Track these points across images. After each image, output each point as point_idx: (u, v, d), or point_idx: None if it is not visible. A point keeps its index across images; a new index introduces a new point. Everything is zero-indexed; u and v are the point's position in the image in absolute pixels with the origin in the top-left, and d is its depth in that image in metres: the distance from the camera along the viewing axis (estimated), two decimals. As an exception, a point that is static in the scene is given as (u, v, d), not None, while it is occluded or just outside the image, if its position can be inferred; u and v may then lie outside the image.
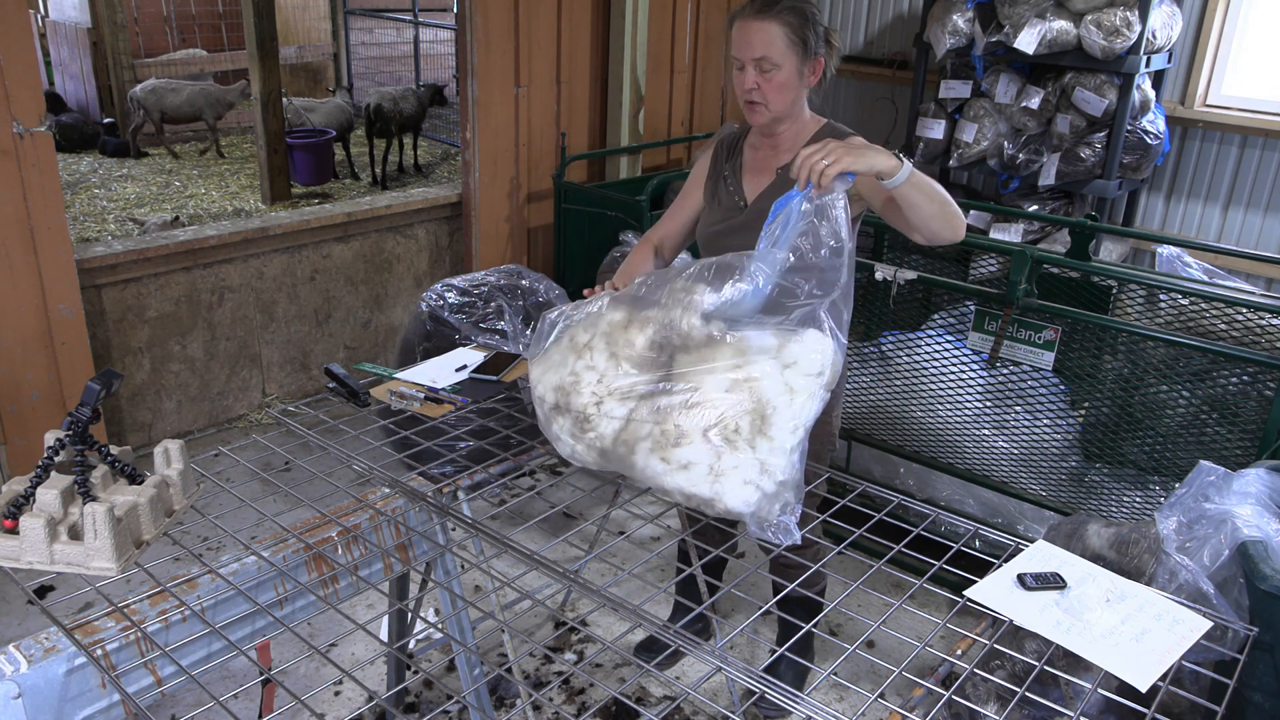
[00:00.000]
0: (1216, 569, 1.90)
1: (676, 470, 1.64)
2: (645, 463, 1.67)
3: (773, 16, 2.06)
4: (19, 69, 3.02)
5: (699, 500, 1.65)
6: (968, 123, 4.26)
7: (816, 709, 1.33)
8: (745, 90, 2.12)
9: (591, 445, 1.74)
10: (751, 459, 1.61)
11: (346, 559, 1.86)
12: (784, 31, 2.06)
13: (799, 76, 2.12)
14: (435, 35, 9.28)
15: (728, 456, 1.61)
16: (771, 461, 1.62)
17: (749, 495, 1.61)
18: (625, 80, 4.69)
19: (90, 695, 1.51)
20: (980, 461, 3.16)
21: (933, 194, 1.89)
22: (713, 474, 1.62)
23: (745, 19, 2.09)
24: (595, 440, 1.72)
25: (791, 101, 2.15)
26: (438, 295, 3.47)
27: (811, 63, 2.12)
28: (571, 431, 1.76)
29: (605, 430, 1.70)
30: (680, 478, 1.64)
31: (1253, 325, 2.80)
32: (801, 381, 1.65)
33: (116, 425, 3.83)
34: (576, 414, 1.73)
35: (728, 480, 1.61)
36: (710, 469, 1.62)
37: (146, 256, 3.72)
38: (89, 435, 1.61)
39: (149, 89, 7.16)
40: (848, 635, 3.01)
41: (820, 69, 2.15)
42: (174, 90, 7.18)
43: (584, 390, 1.72)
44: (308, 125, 6.96)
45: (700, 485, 1.63)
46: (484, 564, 1.87)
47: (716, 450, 1.61)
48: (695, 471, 1.63)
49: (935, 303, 3.36)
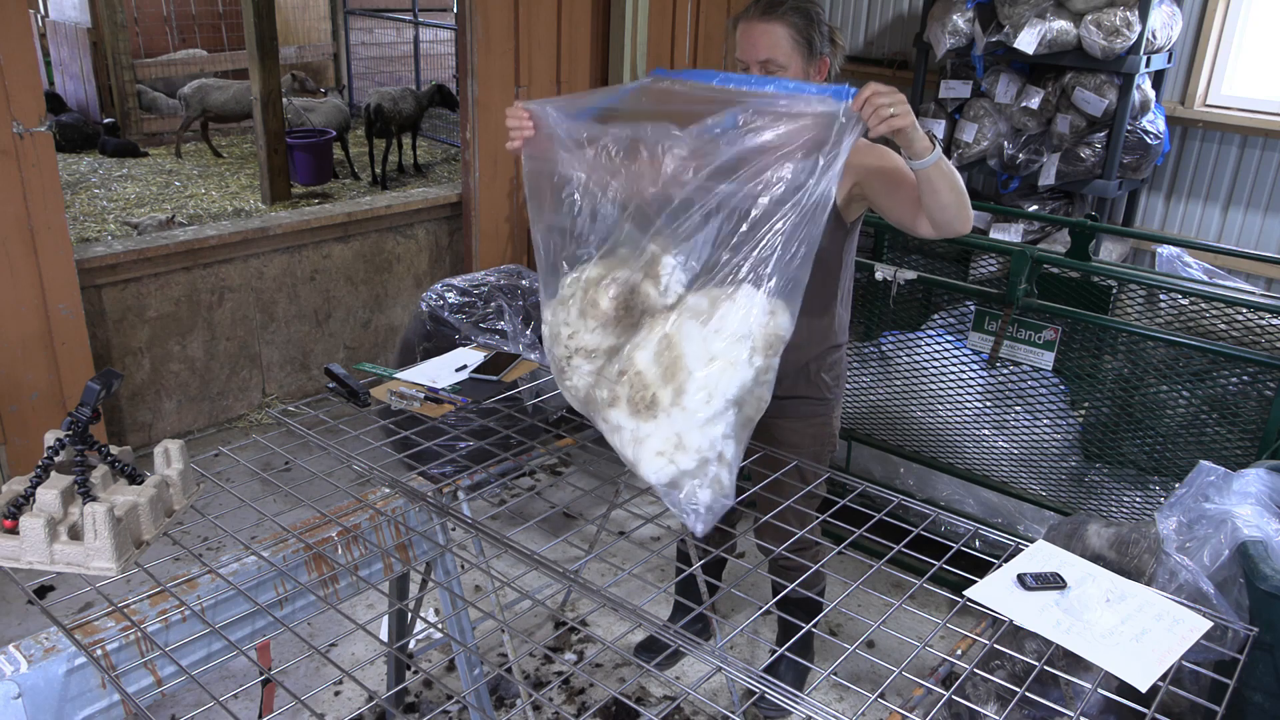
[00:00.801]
0: (1216, 569, 1.90)
1: (612, 432, 1.62)
2: (601, 420, 1.67)
3: (777, 18, 2.05)
4: (19, 69, 3.02)
5: (630, 464, 1.61)
6: (968, 123, 4.26)
7: (816, 709, 1.33)
8: None
9: (573, 394, 1.76)
10: (667, 428, 1.54)
11: (346, 559, 1.86)
12: (789, 33, 2.06)
13: (805, 77, 2.11)
14: (435, 35, 9.28)
15: (644, 424, 1.56)
16: (686, 435, 1.54)
17: (660, 466, 1.55)
18: (625, 80, 4.69)
19: (90, 695, 1.51)
20: (980, 461, 3.15)
21: (954, 183, 1.86)
22: (634, 440, 1.58)
23: (749, 21, 2.08)
24: (572, 390, 1.75)
25: None
26: (438, 295, 3.47)
27: (817, 63, 2.12)
28: (557, 376, 1.80)
29: (578, 383, 1.73)
30: (615, 439, 1.62)
31: (1253, 325, 2.80)
32: (722, 346, 1.54)
33: (116, 425, 3.83)
34: (555, 361, 1.77)
35: (642, 448, 1.57)
36: (632, 434, 1.58)
37: (146, 256, 3.72)
38: (89, 435, 1.61)
39: (195, 86, 7.24)
40: (848, 635, 3.01)
41: (825, 69, 2.15)
42: (220, 88, 7.22)
43: (560, 343, 1.75)
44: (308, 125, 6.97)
45: (626, 449, 1.60)
46: (484, 564, 1.88)
47: (638, 414, 1.56)
48: (622, 436, 1.60)
49: (935, 303, 3.36)
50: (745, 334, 1.55)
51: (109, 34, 7.77)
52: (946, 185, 1.84)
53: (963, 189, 1.89)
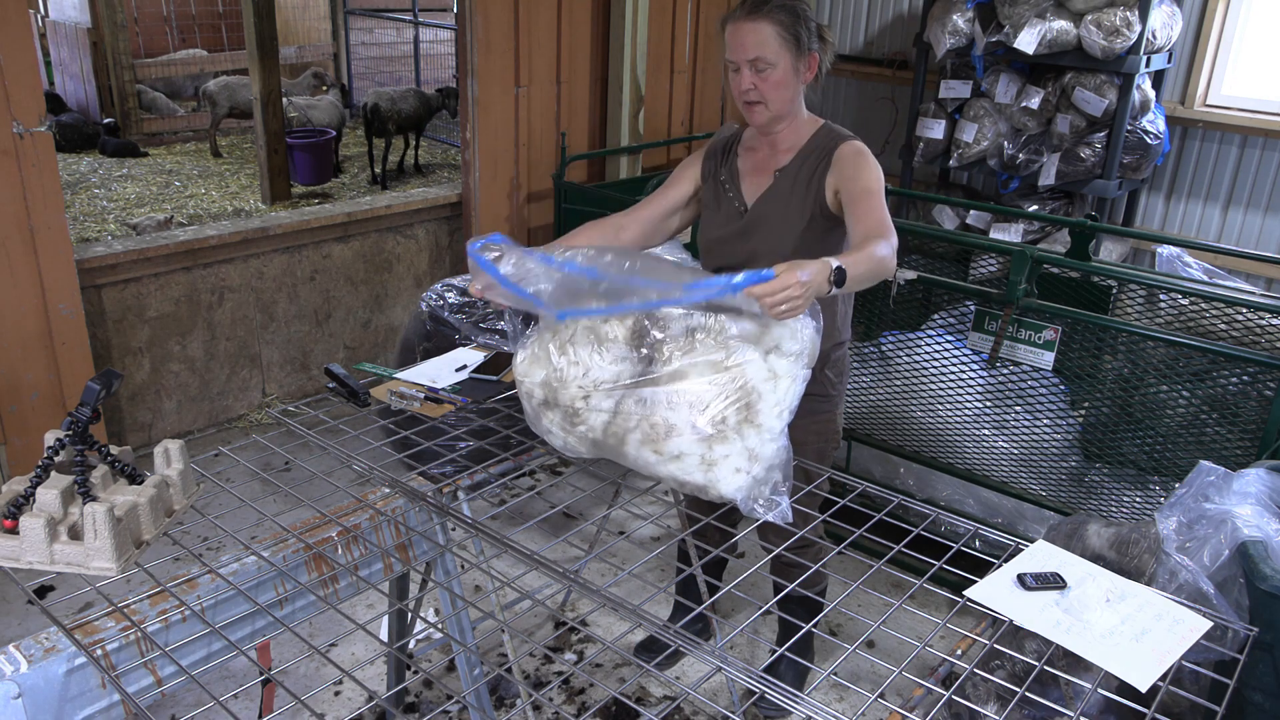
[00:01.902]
0: (1216, 569, 1.90)
1: (669, 460, 1.69)
2: (637, 453, 1.72)
3: (764, 16, 2.07)
4: (19, 69, 3.02)
5: (693, 487, 1.71)
6: (968, 123, 4.26)
7: (816, 709, 1.33)
8: (743, 91, 2.13)
9: (583, 437, 1.77)
10: (740, 447, 1.67)
11: (346, 559, 1.86)
12: (776, 30, 2.07)
13: (795, 73, 2.13)
14: (435, 35, 9.28)
15: (718, 446, 1.66)
16: (760, 449, 1.68)
17: (740, 482, 1.67)
18: (625, 80, 4.69)
19: (90, 695, 1.51)
20: (980, 461, 3.15)
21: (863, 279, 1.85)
22: (704, 463, 1.68)
23: (737, 21, 2.10)
24: (586, 432, 1.76)
25: (790, 99, 2.16)
26: (438, 295, 3.47)
27: (806, 59, 2.13)
28: (562, 425, 1.78)
29: (595, 422, 1.74)
30: (673, 467, 1.69)
31: (1253, 325, 2.80)
32: (784, 365, 1.69)
33: (116, 425, 3.83)
34: (565, 408, 1.76)
35: (720, 469, 1.67)
36: (702, 459, 1.67)
37: (146, 256, 3.72)
38: (89, 435, 1.61)
39: (221, 84, 7.28)
40: (848, 635, 3.01)
41: (815, 65, 2.16)
42: (245, 85, 7.25)
43: (570, 385, 1.74)
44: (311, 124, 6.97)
45: (694, 474, 1.69)
46: (484, 564, 1.87)
47: (707, 440, 1.66)
48: (688, 462, 1.68)
49: (935, 303, 3.36)
50: (800, 351, 1.71)
51: (109, 34, 7.76)
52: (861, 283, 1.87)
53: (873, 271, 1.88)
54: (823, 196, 2.16)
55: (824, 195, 2.16)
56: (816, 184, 2.17)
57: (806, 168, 2.19)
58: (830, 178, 2.15)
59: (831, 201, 2.15)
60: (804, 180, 2.19)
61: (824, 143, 2.20)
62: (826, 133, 2.22)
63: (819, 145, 2.20)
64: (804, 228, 2.18)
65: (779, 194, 2.22)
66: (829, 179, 2.15)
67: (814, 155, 2.19)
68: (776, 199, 2.22)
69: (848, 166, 2.12)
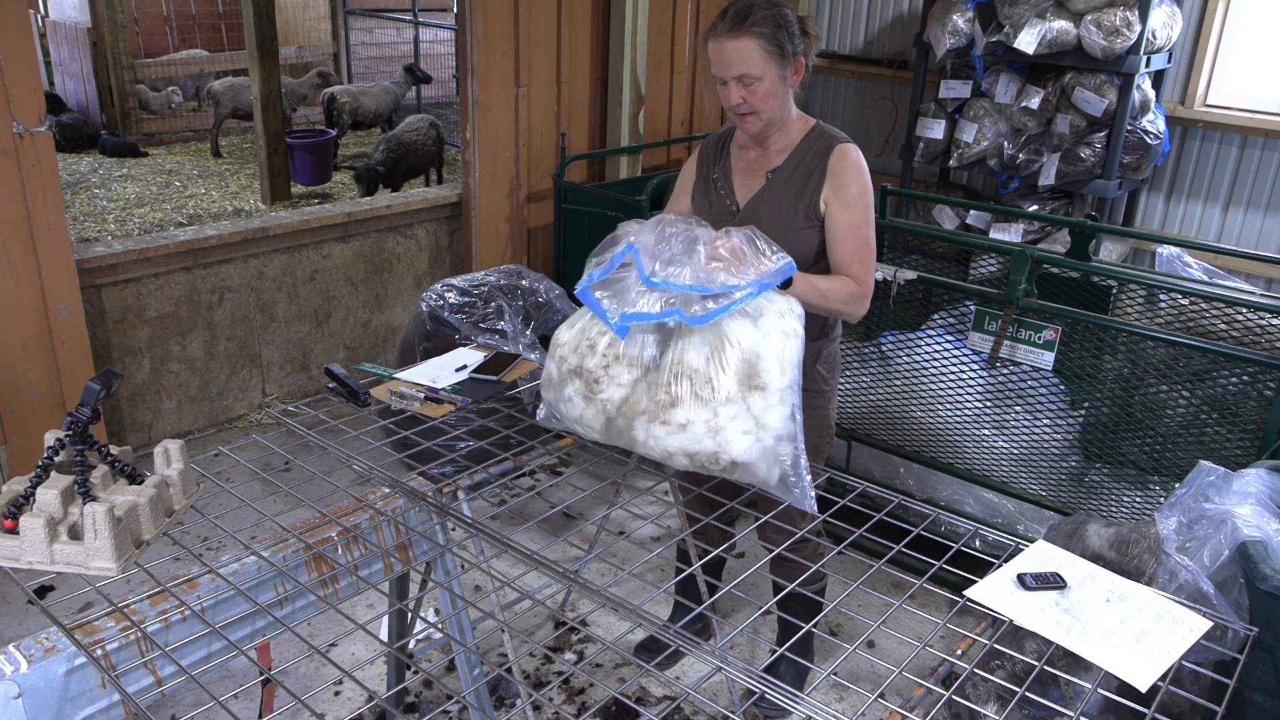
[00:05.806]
0: (1216, 569, 1.90)
1: (676, 431, 1.72)
2: (645, 433, 1.75)
3: (745, 32, 2.06)
4: (19, 69, 3.02)
5: (703, 456, 1.72)
6: (968, 123, 4.26)
7: (816, 709, 1.33)
8: (733, 105, 2.14)
9: (599, 411, 1.81)
10: (745, 411, 1.70)
11: (346, 559, 1.86)
12: (759, 44, 2.06)
13: (782, 81, 2.13)
14: (435, 35, 9.29)
15: (723, 409, 1.70)
16: (765, 415, 1.71)
17: (749, 444, 1.70)
18: (625, 80, 4.69)
19: (90, 695, 1.51)
20: (980, 461, 3.16)
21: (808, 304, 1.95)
22: (711, 429, 1.70)
23: (719, 39, 2.09)
24: (604, 404, 1.79)
25: (780, 105, 2.16)
26: (438, 295, 3.47)
27: (792, 64, 2.13)
28: (583, 393, 1.82)
29: (612, 395, 1.78)
30: (682, 438, 1.72)
31: (1253, 325, 2.80)
32: (772, 323, 1.74)
33: (116, 425, 3.83)
34: (588, 374, 1.81)
35: (727, 432, 1.70)
36: (708, 424, 1.70)
37: (146, 256, 3.72)
38: (89, 435, 1.61)
39: (226, 85, 7.33)
40: (848, 635, 3.01)
41: (801, 67, 2.16)
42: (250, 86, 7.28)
43: (597, 352, 1.80)
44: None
45: (703, 441, 1.71)
46: (484, 564, 1.88)
47: (712, 406, 1.70)
48: (695, 429, 1.71)
49: (935, 303, 3.36)
50: (784, 311, 1.76)
51: (109, 34, 7.77)
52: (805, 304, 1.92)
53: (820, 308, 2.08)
54: (816, 201, 2.18)
55: (817, 201, 2.18)
56: (812, 190, 2.18)
57: (801, 170, 2.20)
58: (826, 190, 2.17)
59: (824, 209, 2.19)
60: (798, 183, 2.19)
61: (817, 144, 2.20)
62: (819, 134, 2.23)
63: (812, 147, 2.20)
64: (796, 229, 2.19)
65: (771, 195, 2.22)
66: (825, 191, 2.17)
67: (808, 157, 2.20)
68: (769, 200, 2.22)
69: (841, 185, 2.16)
